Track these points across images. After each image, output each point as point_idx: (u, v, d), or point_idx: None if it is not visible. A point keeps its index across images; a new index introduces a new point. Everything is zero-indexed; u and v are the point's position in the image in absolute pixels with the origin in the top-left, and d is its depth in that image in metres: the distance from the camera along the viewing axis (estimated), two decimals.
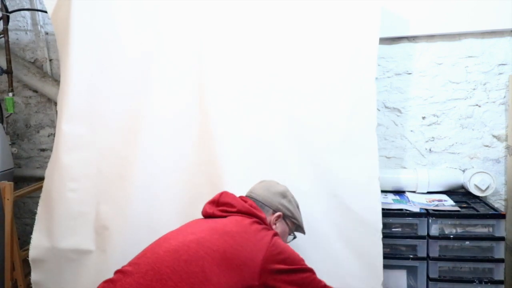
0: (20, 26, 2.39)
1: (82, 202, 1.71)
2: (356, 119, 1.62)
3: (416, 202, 1.83)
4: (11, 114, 2.32)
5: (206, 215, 1.29)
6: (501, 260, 1.69)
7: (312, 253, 1.58)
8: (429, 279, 1.72)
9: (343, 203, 1.59)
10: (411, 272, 1.76)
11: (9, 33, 2.26)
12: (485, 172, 1.88)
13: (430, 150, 2.04)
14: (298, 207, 1.40)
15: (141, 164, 1.67)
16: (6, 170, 2.10)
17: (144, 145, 1.68)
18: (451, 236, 1.71)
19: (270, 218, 1.31)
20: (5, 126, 2.36)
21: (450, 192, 1.96)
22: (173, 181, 1.67)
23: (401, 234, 1.75)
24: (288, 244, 1.34)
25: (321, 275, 1.19)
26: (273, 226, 1.31)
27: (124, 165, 1.68)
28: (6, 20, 2.23)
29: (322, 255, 1.59)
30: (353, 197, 1.59)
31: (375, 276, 1.56)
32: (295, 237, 1.42)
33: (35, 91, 2.42)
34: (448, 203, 1.81)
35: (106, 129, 1.70)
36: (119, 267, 1.11)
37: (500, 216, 1.69)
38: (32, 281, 1.73)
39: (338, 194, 1.60)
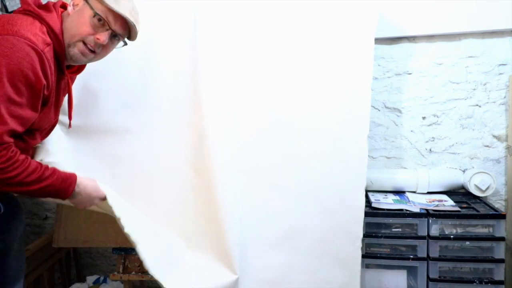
0: None
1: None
2: (349, 125, 1.62)
3: (416, 202, 1.82)
4: None
5: None
6: (501, 261, 1.69)
7: (292, 257, 1.59)
8: (429, 279, 1.72)
9: (327, 210, 1.60)
10: (411, 272, 1.76)
11: None
12: (485, 173, 1.87)
13: (430, 150, 2.03)
14: None
15: (138, 164, 1.66)
16: None
17: (139, 145, 1.68)
18: (451, 237, 1.71)
19: None
20: None
21: (450, 193, 1.96)
22: (169, 181, 1.66)
23: (401, 234, 1.75)
24: None
25: (300, 280, 1.18)
26: None
27: (120, 166, 1.67)
28: None
29: (302, 260, 1.60)
30: (337, 204, 1.60)
31: (352, 283, 1.58)
32: None
33: None
34: (448, 203, 1.81)
35: (101, 129, 1.69)
36: None
37: (500, 216, 1.69)
38: None
39: (323, 200, 1.61)
